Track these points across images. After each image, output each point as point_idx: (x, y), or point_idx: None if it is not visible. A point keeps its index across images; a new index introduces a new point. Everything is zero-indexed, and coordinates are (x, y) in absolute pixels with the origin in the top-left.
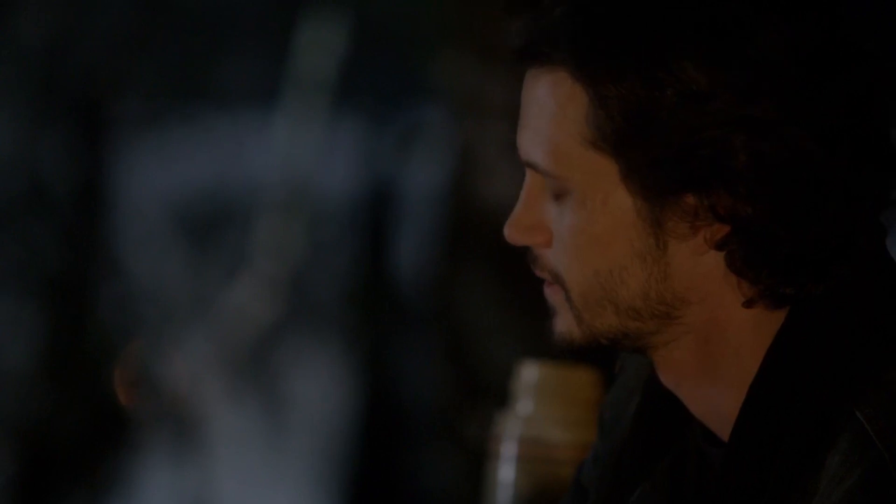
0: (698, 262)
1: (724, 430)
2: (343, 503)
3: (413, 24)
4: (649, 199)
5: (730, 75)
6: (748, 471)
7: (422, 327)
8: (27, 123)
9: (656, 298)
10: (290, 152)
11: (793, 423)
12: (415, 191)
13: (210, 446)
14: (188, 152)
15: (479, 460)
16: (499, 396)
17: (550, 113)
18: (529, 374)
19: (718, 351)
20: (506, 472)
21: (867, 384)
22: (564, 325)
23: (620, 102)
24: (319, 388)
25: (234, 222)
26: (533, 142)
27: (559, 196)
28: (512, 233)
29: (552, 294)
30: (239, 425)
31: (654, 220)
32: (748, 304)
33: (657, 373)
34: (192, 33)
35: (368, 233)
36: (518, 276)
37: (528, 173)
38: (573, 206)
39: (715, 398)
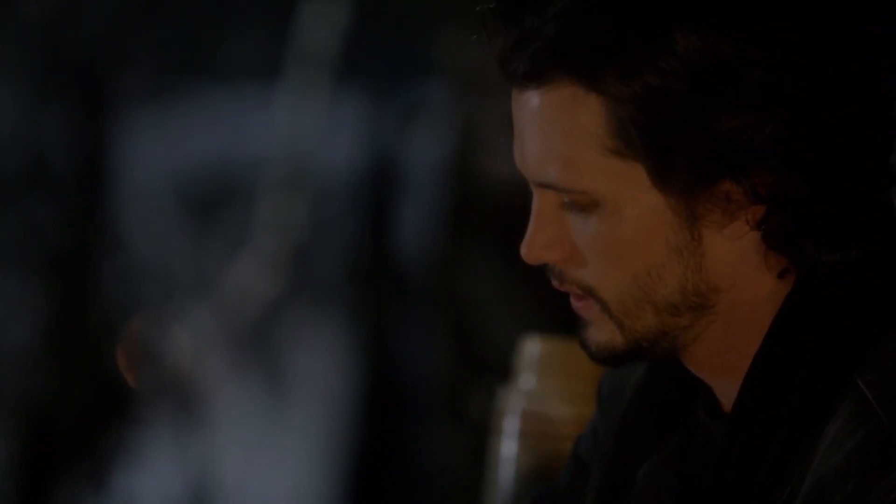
0: (732, 248)
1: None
2: (346, 478)
3: (415, 0)
4: (682, 193)
5: (743, 58)
6: (749, 440)
7: (424, 303)
8: (29, 99)
9: (692, 290)
10: (293, 129)
11: (794, 391)
12: (417, 167)
13: (213, 422)
14: (191, 128)
15: (481, 436)
16: (501, 372)
17: (563, 129)
18: (532, 348)
19: (742, 331)
20: (508, 448)
21: (869, 352)
22: (605, 334)
23: (638, 101)
24: (322, 364)
25: (236, 199)
26: (547, 162)
27: (583, 209)
28: (530, 254)
29: (585, 309)
30: (241, 401)
31: (688, 214)
32: (782, 274)
33: (683, 362)
34: (194, 9)
35: (371, 209)
36: (520, 251)
37: (538, 192)
38: (602, 217)
39: (733, 374)
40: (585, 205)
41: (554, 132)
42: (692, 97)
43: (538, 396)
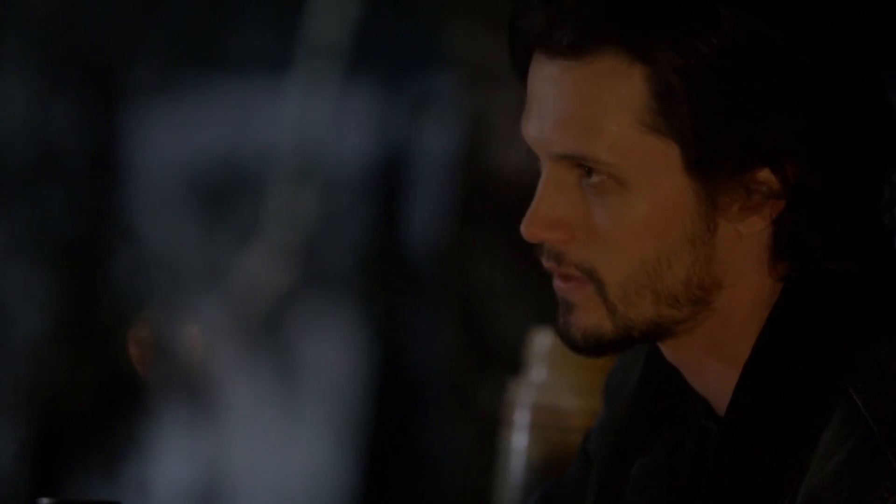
0: (741, 243)
1: (722, 404)
2: (356, 469)
3: None
4: (710, 179)
5: (794, 41)
6: (744, 446)
7: (434, 294)
8: (40, 91)
9: (697, 283)
10: (303, 120)
11: (787, 398)
12: (427, 158)
13: (224, 413)
14: (201, 120)
15: (491, 428)
16: (511, 363)
17: (601, 102)
18: (542, 341)
19: (737, 330)
20: (519, 440)
21: (859, 359)
22: (593, 319)
23: (688, 73)
24: (332, 355)
25: (246, 190)
26: (575, 135)
27: (602, 186)
28: (532, 229)
29: (572, 290)
30: (252, 392)
31: (709, 202)
32: (785, 280)
33: (663, 349)
34: (204, 0)
35: (381, 200)
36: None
37: (551, 167)
38: (622, 196)
39: (717, 372)
40: (607, 182)
41: (590, 104)
42: (738, 76)
43: (548, 389)
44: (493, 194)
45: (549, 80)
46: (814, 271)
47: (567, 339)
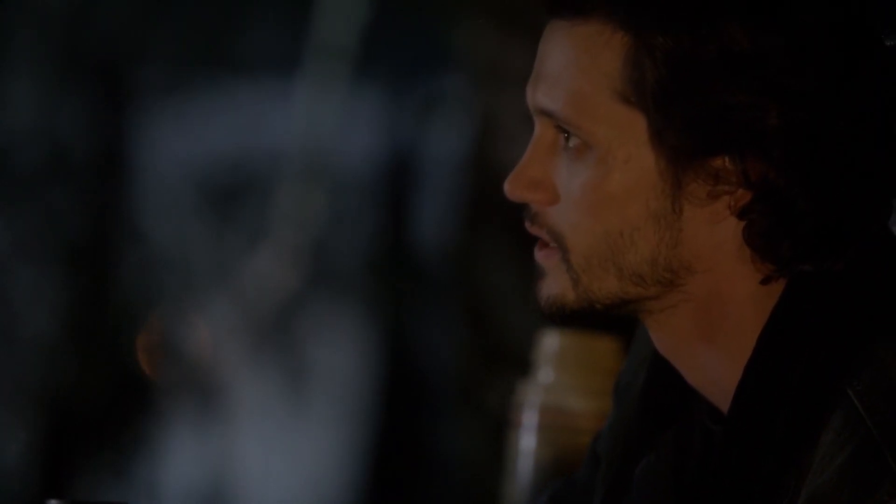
0: (712, 232)
1: (723, 403)
2: (364, 470)
3: None
4: (675, 159)
5: (773, 42)
6: (746, 448)
7: (443, 296)
8: (50, 91)
9: (664, 265)
10: (312, 120)
11: (788, 401)
12: (435, 159)
13: (232, 414)
14: (210, 121)
15: (500, 429)
16: (520, 365)
17: (579, 64)
18: (550, 342)
19: (718, 323)
20: (527, 441)
21: (859, 361)
22: (557, 287)
23: (665, 54)
24: (341, 356)
25: (255, 190)
26: (555, 92)
27: (576, 151)
28: (514, 188)
29: (545, 257)
30: (261, 393)
31: (674, 182)
32: (765, 281)
33: (653, 339)
34: (213, 1)
35: (389, 201)
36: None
37: (540, 127)
38: (591, 163)
39: (713, 370)
40: (577, 147)
41: (571, 64)
42: (716, 68)
43: (556, 390)
44: (502, 196)
45: (545, 38)
46: (815, 271)
47: (537, 306)
